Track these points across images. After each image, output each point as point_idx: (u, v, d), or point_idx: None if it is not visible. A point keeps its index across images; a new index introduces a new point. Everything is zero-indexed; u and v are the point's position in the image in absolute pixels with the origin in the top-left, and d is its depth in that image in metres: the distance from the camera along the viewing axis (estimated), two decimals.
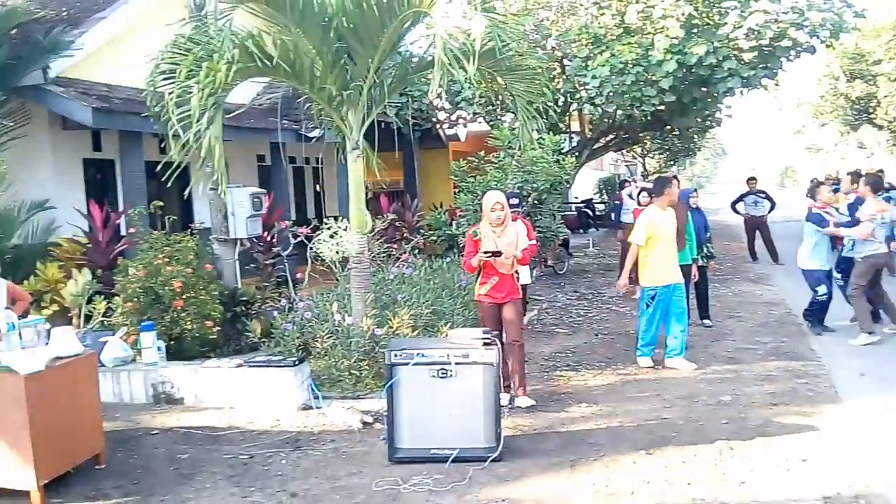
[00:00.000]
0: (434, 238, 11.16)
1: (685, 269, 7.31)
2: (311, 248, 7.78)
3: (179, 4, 7.60)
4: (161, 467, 4.86)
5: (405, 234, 11.71)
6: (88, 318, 7.42)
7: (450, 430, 4.70)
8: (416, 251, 9.96)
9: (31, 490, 4.28)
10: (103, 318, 7.31)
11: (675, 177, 8.40)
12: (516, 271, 5.83)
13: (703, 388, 6.23)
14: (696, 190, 8.73)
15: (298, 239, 8.24)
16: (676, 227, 6.92)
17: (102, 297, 7.52)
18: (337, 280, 7.86)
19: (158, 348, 6.62)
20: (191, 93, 5.32)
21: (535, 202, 10.07)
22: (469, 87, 11.59)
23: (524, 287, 7.36)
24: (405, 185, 15.42)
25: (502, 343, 5.39)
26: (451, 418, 4.70)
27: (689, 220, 7.75)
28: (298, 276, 8.22)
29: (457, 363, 4.69)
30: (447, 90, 12.27)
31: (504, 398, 5.49)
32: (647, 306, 6.81)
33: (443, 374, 4.69)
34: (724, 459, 4.66)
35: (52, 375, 4.43)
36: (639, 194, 10.79)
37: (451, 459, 4.63)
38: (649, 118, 14.38)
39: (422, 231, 11.99)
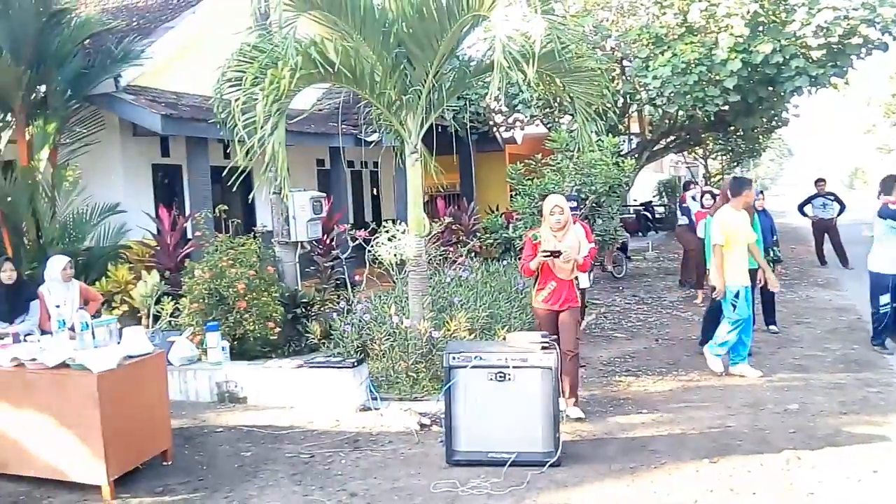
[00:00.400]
0: (490, 241, 11.14)
1: (751, 274, 7.09)
2: (369, 251, 7.88)
3: (244, 13, 7.79)
4: (225, 464, 4.99)
5: (461, 238, 11.76)
6: (156, 318, 7.67)
7: (507, 434, 4.68)
8: (473, 254, 9.98)
9: (102, 484, 4.45)
10: (170, 319, 7.56)
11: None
12: (576, 277, 5.72)
13: (770, 395, 6.05)
14: (761, 192, 8.46)
15: (357, 242, 8.35)
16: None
17: (170, 297, 7.77)
18: (394, 283, 7.93)
19: (223, 348, 6.79)
20: (256, 99, 5.46)
21: (594, 205, 9.95)
22: (527, 90, 11.55)
23: (582, 291, 7.26)
24: (462, 188, 15.47)
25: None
26: (509, 422, 4.68)
27: (755, 222, 7.53)
28: (356, 278, 8.33)
29: (515, 367, 4.68)
30: (504, 93, 12.26)
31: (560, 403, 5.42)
32: (734, 307, 6.58)
33: (500, 377, 4.68)
34: (791, 469, 4.52)
35: (124, 374, 4.60)
36: (702, 197, 10.56)
37: (508, 463, 4.61)
38: (712, 119, 14.05)
39: (478, 234, 11.99)
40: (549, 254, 5.44)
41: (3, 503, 4.45)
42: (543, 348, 4.71)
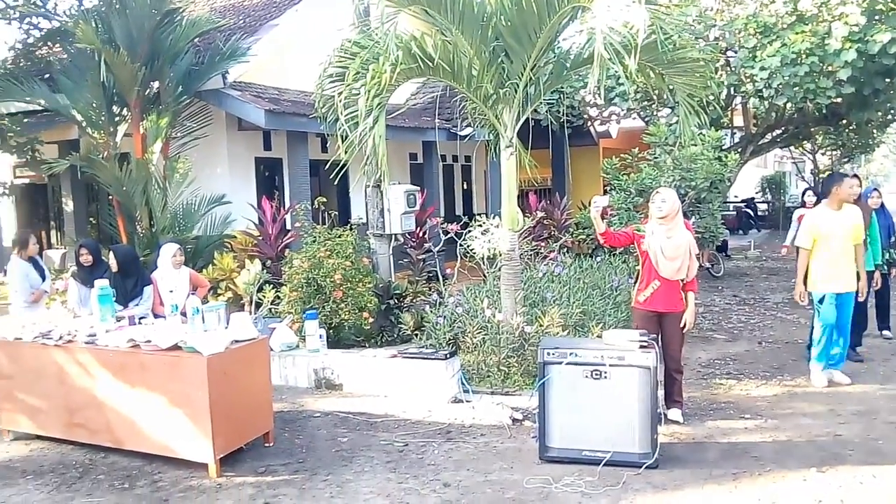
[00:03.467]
0: (583, 237, 10.98)
1: (869, 276, 6.66)
2: (460, 245, 7.92)
3: (344, 11, 7.97)
4: (323, 448, 5.13)
5: (553, 233, 11.64)
6: (258, 305, 7.97)
7: (602, 433, 4.60)
8: (565, 250, 9.87)
9: (209, 462, 4.66)
10: (271, 306, 7.84)
11: (855, 175, 7.65)
12: (684, 286, 5.41)
13: (883, 404, 5.69)
14: (876, 189, 7.92)
15: (448, 235, 8.42)
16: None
17: (271, 286, 8.06)
18: (485, 276, 7.94)
19: (320, 336, 6.98)
20: (357, 94, 5.57)
21: (694, 201, 9.63)
22: (625, 82, 11.28)
23: None
24: (554, 182, 15.30)
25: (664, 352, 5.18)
26: (604, 421, 4.60)
27: (872, 221, 7.09)
28: (448, 271, 8.39)
29: (611, 365, 4.59)
30: (601, 86, 11.99)
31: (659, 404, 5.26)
32: (817, 313, 6.27)
33: (596, 375, 4.60)
34: None
35: (231, 357, 4.80)
36: (803, 194, 10.05)
37: (603, 463, 4.54)
38: (823, 112, 13.32)
39: (570, 230, 11.84)
40: (599, 207, 5.27)
41: (119, 477, 4.73)
42: (642, 347, 4.59)
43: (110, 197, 9.85)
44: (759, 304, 10.24)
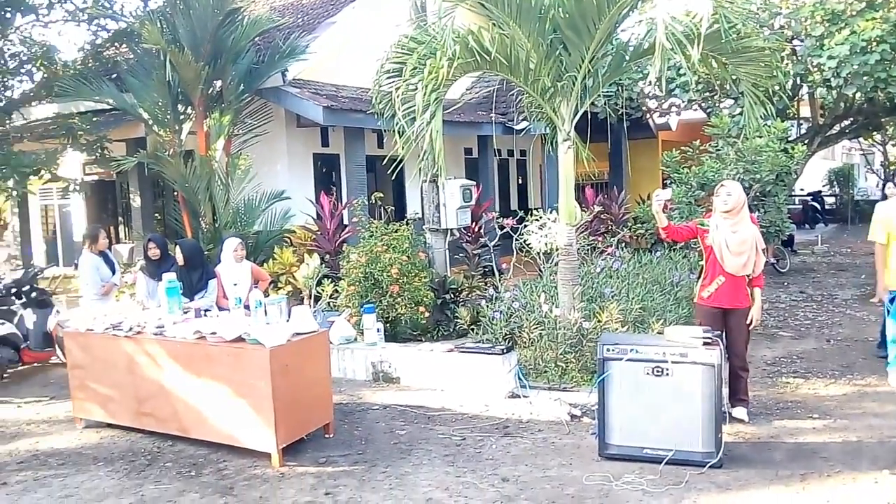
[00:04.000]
0: (642, 231, 10.79)
1: None
2: (516, 239, 7.89)
3: (401, 7, 8.01)
4: (382, 440, 5.19)
5: (611, 227, 11.48)
6: (317, 299, 8.10)
7: (664, 431, 4.52)
8: (623, 245, 9.73)
9: (272, 452, 4.77)
10: (330, 300, 7.96)
11: None
12: (750, 281, 5.25)
13: None
14: None
15: (504, 230, 8.39)
16: None
17: (329, 280, 8.18)
18: (540, 271, 7.88)
19: (378, 330, 7.05)
20: (414, 89, 5.60)
21: (759, 195, 9.36)
22: (686, 73, 11.01)
23: None
24: (611, 176, 15.09)
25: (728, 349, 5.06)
26: (666, 419, 4.52)
27: None
28: (503, 266, 8.36)
29: (674, 362, 4.50)
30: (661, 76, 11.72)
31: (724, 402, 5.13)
32: (887, 312, 6.02)
33: (658, 372, 4.52)
34: None
35: (292, 349, 4.89)
36: (883, 186, 9.66)
37: (665, 461, 4.46)
38: (895, 101, 12.75)
39: (628, 224, 11.66)
40: (661, 201, 5.16)
41: (186, 465, 4.88)
42: (706, 344, 4.48)
43: (175, 193, 10.15)
44: (827, 301, 9.89)
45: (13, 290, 7.71)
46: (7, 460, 5.10)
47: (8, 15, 10.05)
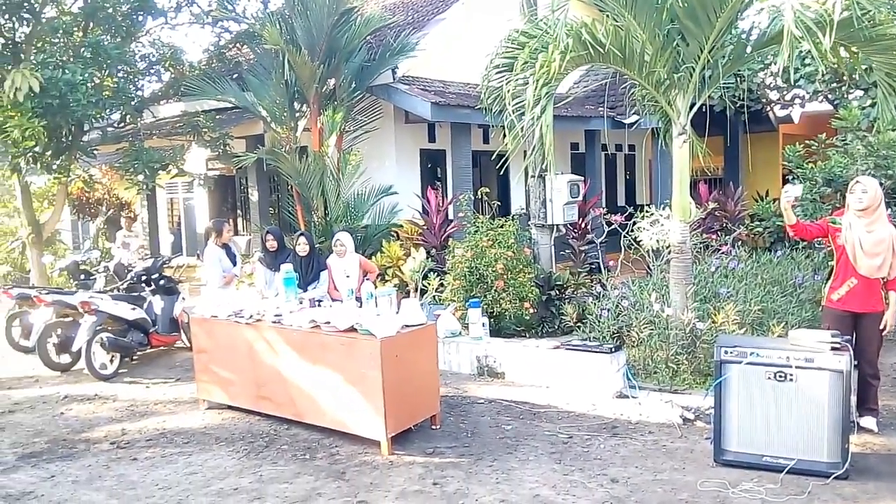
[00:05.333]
0: (760, 229, 10.28)
1: None
2: (624, 236, 7.71)
3: (509, 2, 7.95)
4: (487, 434, 5.21)
5: (726, 225, 11.02)
6: (423, 292, 8.22)
7: (786, 439, 4.30)
8: (739, 243, 9.32)
9: (381, 440, 4.88)
10: (435, 294, 8.06)
11: None
12: (885, 284, 4.90)
13: None
14: None
15: (612, 226, 8.22)
16: None
17: (435, 274, 8.29)
18: (649, 269, 7.66)
19: (483, 324, 7.08)
20: (525, 84, 5.56)
21: (891, 191, 8.70)
22: (811, 63, 10.39)
23: None
24: (726, 171, 14.47)
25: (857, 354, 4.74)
26: (788, 426, 4.30)
27: None
28: (611, 263, 8.19)
29: (798, 367, 4.27)
30: (785, 67, 11.11)
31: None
32: None
33: (780, 377, 4.30)
34: None
35: (402, 341, 4.99)
36: None
37: (786, 470, 4.24)
38: None
39: (745, 222, 11.14)
40: (790, 197, 4.88)
41: (300, 448, 5.08)
42: (834, 349, 4.22)
43: (290, 187, 10.55)
44: None
45: (143, 278, 8.26)
46: (137, 437, 5.47)
47: (140, 18, 10.72)
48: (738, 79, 10.72)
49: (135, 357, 7.92)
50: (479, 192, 9.74)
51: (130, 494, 4.40)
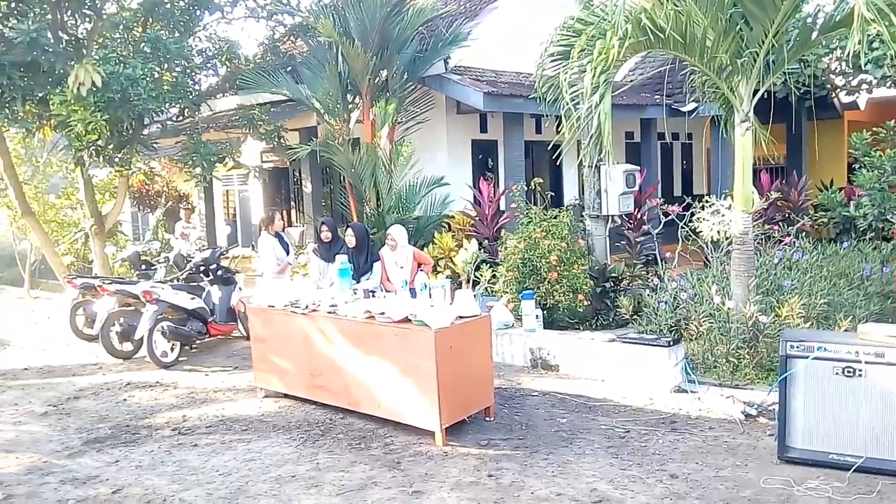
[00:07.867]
0: (825, 220, 9.93)
1: None
2: (682, 227, 7.52)
3: None
4: (542, 427, 5.16)
5: (789, 215, 10.68)
6: (475, 283, 8.19)
7: (854, 436, 4.15)
8: (803, 234, 9.01)
9: (435, 431, 4.88)
10: (488, 285, 8.02)
11: None
12: None
13: None
14: None
15: (669, 217, 8.03)
16: None
17: (487, 265, 8.24)
18: (707, 261, 7.46)
19: (536, 316, 7.01)
20: (582, 72, 5.46)
21: None
22: (879, 47, 9.95)
23: None
24: (789, 160, 13.99)
25: None
26: (857, 423, 4.14)
27: None
28: (667, 254, 8.02)
29: (868, 362, 4.10)
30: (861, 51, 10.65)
31: None
32: None
33: (849, 372, 4.14)
34: None
35: (456, 332, 4.97)
36: None
37: (854, 468, 4.09)
38: None
39: (809, 212, 10.78)
40: None
41: (356, 437, 5.12)
42: None
43: (343, 179, 10.63)
44: None
45: (201, 269, 8.44)
46: (197, 424, 5.59)
47: (197, 13, 10.90)
48: (803, 64, 10.35)
49: (194, 346, 8.10)
50: (531, 183, 9.64)
51: (192, 480, 4.50)
